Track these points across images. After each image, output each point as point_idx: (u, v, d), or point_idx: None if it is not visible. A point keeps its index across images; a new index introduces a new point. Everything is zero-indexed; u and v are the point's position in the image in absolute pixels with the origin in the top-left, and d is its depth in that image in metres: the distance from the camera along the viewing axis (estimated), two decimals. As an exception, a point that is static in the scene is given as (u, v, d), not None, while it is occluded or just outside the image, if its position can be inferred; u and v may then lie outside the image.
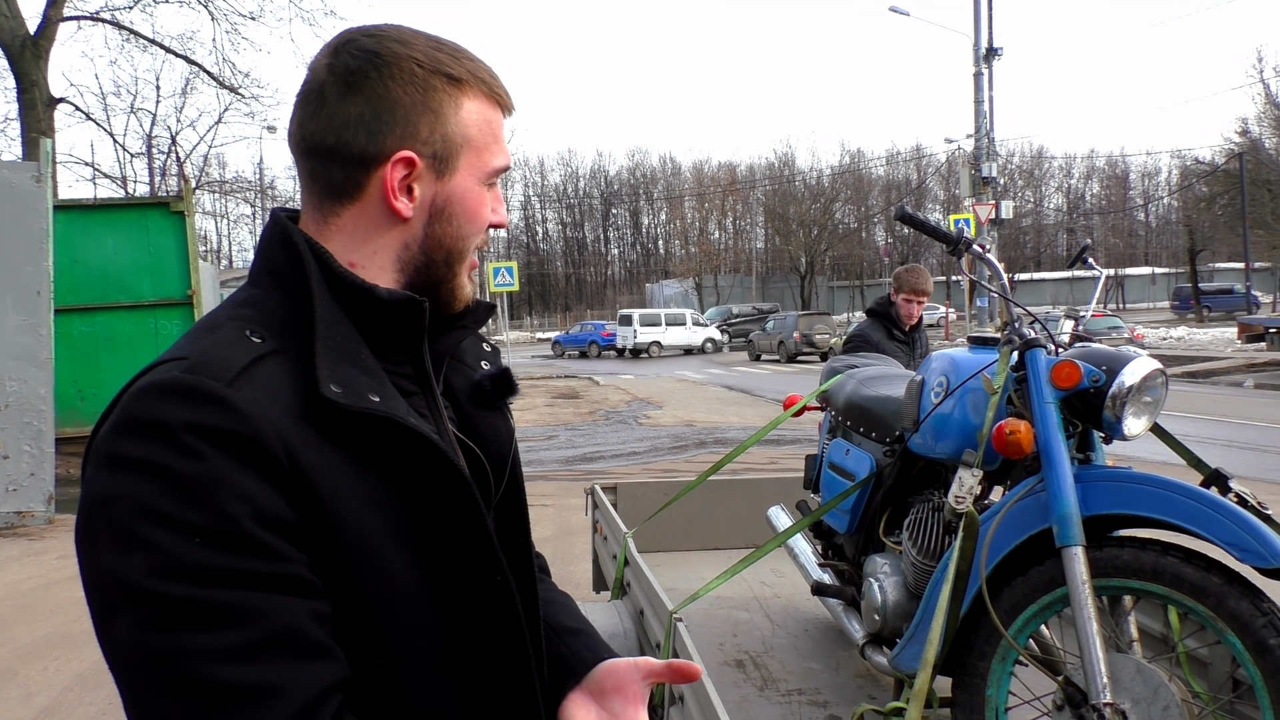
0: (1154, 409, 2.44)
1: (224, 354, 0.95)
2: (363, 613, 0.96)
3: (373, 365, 1.02)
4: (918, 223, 2.73)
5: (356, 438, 0.97)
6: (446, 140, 1.06)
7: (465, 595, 1.03)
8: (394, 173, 1.04)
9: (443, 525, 1.01)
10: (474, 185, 1.09)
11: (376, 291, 1.04)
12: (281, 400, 0.94)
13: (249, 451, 0.89)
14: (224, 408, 0.90)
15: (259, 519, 0.89)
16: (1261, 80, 39.15)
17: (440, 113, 1.05)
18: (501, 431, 1.20)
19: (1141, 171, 79.31)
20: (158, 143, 35.51)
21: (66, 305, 10.81)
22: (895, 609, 2.84)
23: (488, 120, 1.09)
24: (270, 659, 0.87)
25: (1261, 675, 2.05)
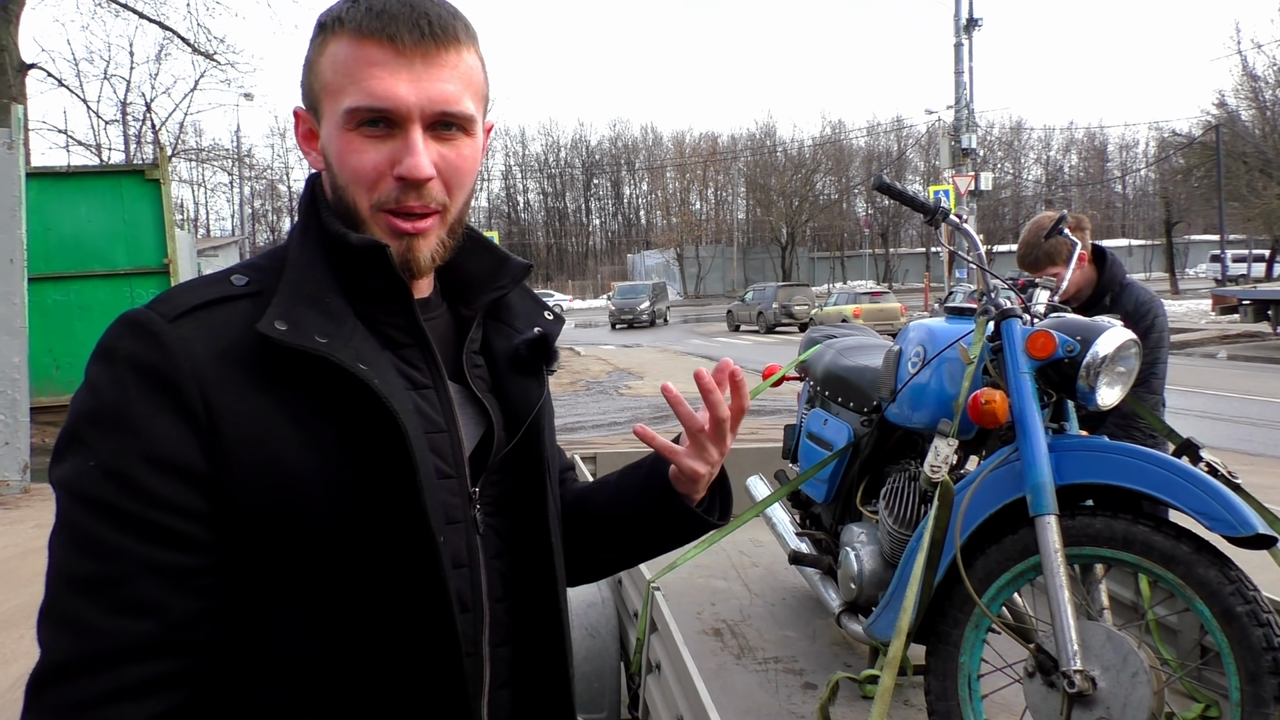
0: (1127, 379, 2.46)
1: (190, 292, 1.01)
2: (278, 551, 0.98)
3: (338, 309, 1.03)
4: (895, 192, 2.73)
5: (303, 378, 0.98)
6: (310, 89, 1.08)
7: (388, 551, 1.01)
8: (297, 127, 1.11)
9: (375, 474, 0.99)
10: (335, 131, 1.05)
11: (348, 238, 1.05)
12: (224, 340, 0.98)
13: (164, 389, 0.95)
14: (154, 344, 0.96)
15: (148, 458, 0.93)
16: (1239, 52, 39.41)
17: (311, 63, 1.07)
18: (530, 394, 1.18)
19: (1119, 144, 79.85)
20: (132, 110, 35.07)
21: (40, 274, 10.68)
22: (871, 578, 2.86)
23: (346, 59, 1.03)
24: (87, 596, 0.92)
25: (1228, 642, 2.09)
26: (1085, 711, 2.14)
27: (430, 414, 1.08)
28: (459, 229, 1.12)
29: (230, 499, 0.96)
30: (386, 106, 1.02)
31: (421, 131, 1.04)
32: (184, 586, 0.95)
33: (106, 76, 33.37)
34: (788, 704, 2.83)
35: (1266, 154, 33.77)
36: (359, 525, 0.99)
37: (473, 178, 1.12)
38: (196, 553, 0.95)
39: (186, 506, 0.95)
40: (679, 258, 70.22)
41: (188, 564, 0.95)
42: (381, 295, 1.07)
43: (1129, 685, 2.13)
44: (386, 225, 1.06)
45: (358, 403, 0.99)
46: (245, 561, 0.97)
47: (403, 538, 1.01)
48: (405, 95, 1.02)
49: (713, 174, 76.03)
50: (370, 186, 1.04)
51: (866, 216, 71.82)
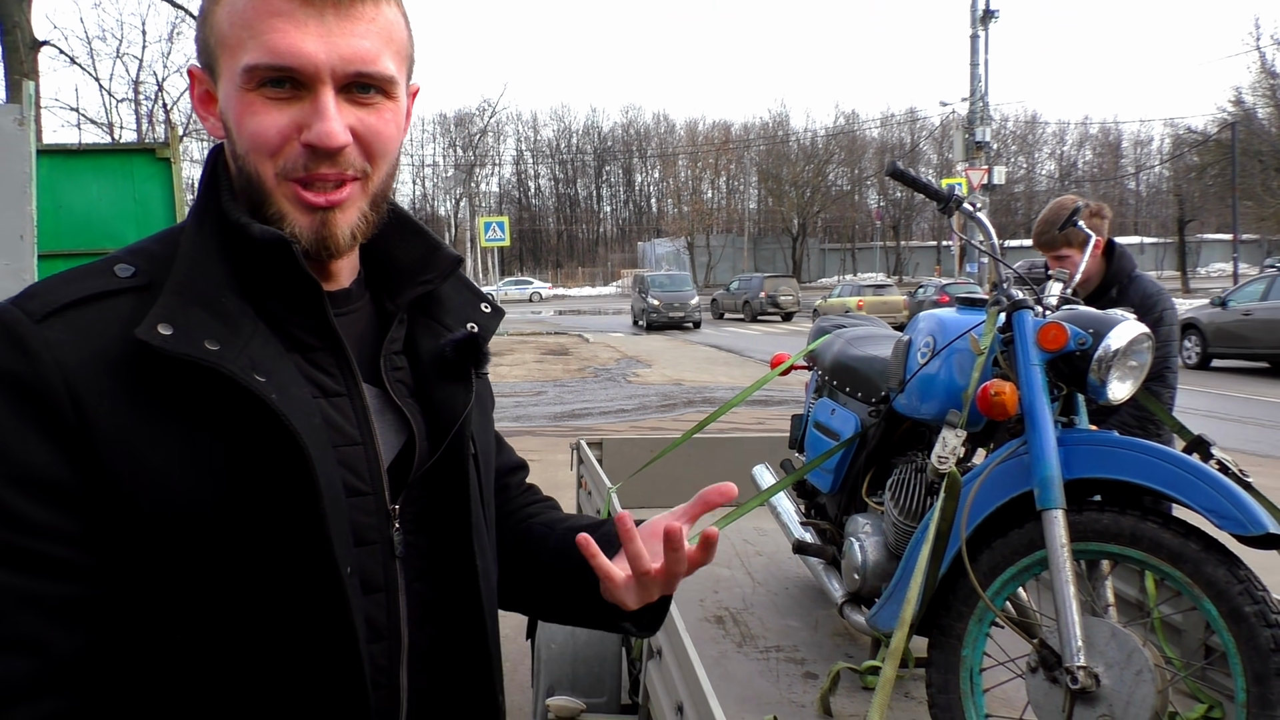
0: (1139, 373, 2.43)
1: (63, 287, 0.89)
2: (161, 576, 0.88)
3: (235, 309, 0.91)
4: (909, 179, 2.70)
5: (187, 388, 0.87)
6: (206, 44, 0.94)
7: (283, 576, 0.90)
8: (192, 88, 0.98)
9: (270, 495, 0.89)
10: (233, 92, 0.92)
11: (249, 229, 0.92)
12: (99, 343, 0.86)
13: (27, 399, 0.83)
14: (17, 348, 0.84)
15: (14, 479, 0.83)
16: (1258, 49, 39.05)
17: (206, 13, 0.94)
18: (456, 401, 1.07)
19: (1134, 139, 79.36)
20: (144, 89, 34.98)
21: (50, 251, 10.66)
22: (875, 569, 2.84)
23: (245, 9, 0.90)
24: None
25: (1235, 642, 2.06)
26: (1087, 709, 2.12)
27: (341, 424, 0.96)
28: (382, 203, 1.00)
29: (109, 522, 0.86)
30: (291, 64, 0.89)
31: (334, 94, 0.91)
32: (66, 619, 0.85)
33: (119, 55, 33.37)
34: (788, 693, 2.82)
35: (1283, 153, 33.51)
36: (253, 551, 0.89)
37: (396, 145, 0.99)
38: (77, 581, 0.85)
39: (62, 531, 0.84)
40: (689, 247, 70.10)
41: (68, 594, 0.84)
42: (287, 292, 0.95)
43: (1132, 683, 2.11)
44: (295, 197, 0.93)
45: (253, 417, 0.87)
46: (129, 590, 0.88)
47: (304, 563, 0.91)
48: (313, 51, 0.89)
49: (725, 163, 75.83)
50: (273, 153, 0.92)
51: (878, 209, 71.65)
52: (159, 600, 0.88)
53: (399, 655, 1.01)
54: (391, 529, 1.00)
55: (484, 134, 71.67)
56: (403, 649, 1.01)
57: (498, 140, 77.75)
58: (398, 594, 1.00)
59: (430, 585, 1.04)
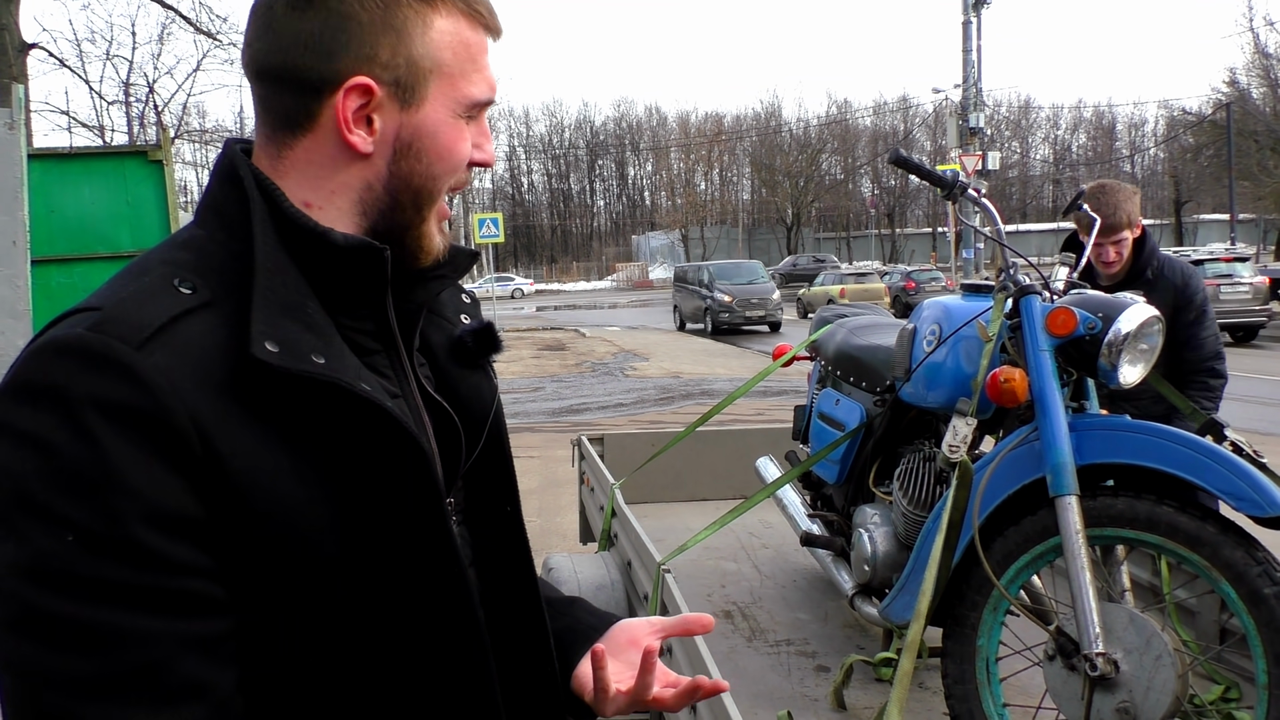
0: (1150, 356, 2.40)
1: (141, 308, 0.82)
2: (289, 601, 0.86)
3: (321, 320, 0.89)
4: (912, 166, 2.67)
5: (296, 404, 0.85)
6: (411, 65, 0.92)
7: (411, 581, 0.91)
8: (347, 101, 0.90)
9: (394, 505, 0.89)
10: (447, 117, 0.94)
11: (331, 236, 0.91)
12: (203, 366, 0.82)
13: (152, 434, 0.78)
14: (128, 378, 0.78)
15: (150, 519, 0.77)
16: (1251, 29, 39.04)
17: (404, 32, 0.91)
18: (483, 391, 1.08)
19: (1128, 122, 79.23)
20: (135, 91, 34.85)
21: (44, 256, 10.59)
22: (885, 559, 2.82)
23: (465, 43, 0.94)
24: (123, 698, 0.76)
25: (1255, 625, 2.04)
26: (1107, 695, 2.10)
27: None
28: None
29: (241, 550, 0.83)
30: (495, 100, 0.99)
31: None
32: (222, 656, 0.82)
33: (109, 57, 33.06)
34: (800, 687, 2.79)
35: (1277, 132, 33.53)
36: (381, 558, 0.89)
37: None
38: (222, 616, 0.82)
39: (203, 567, 0.81)
40: (684, 239, 70.03)
41: (219, 630, 0.81)
42: (355, 301, 0.95)
43: (1152, 668, 2.08)
44: (441, 212, 0.99)
45: (367, 424, 0.87)
46: (263, 615, 0.85)
47: (429, 565, 0.91)
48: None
49: (718, 154, 75.73)
50: (457, 173, 0.97)
51: (873, 196, 71.66)
52: (296, 621, 0.87)
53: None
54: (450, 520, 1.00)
55: (476, 130, 71.41)
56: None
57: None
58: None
59: (479, 573, 1.06)
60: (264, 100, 0.94)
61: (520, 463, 1.58)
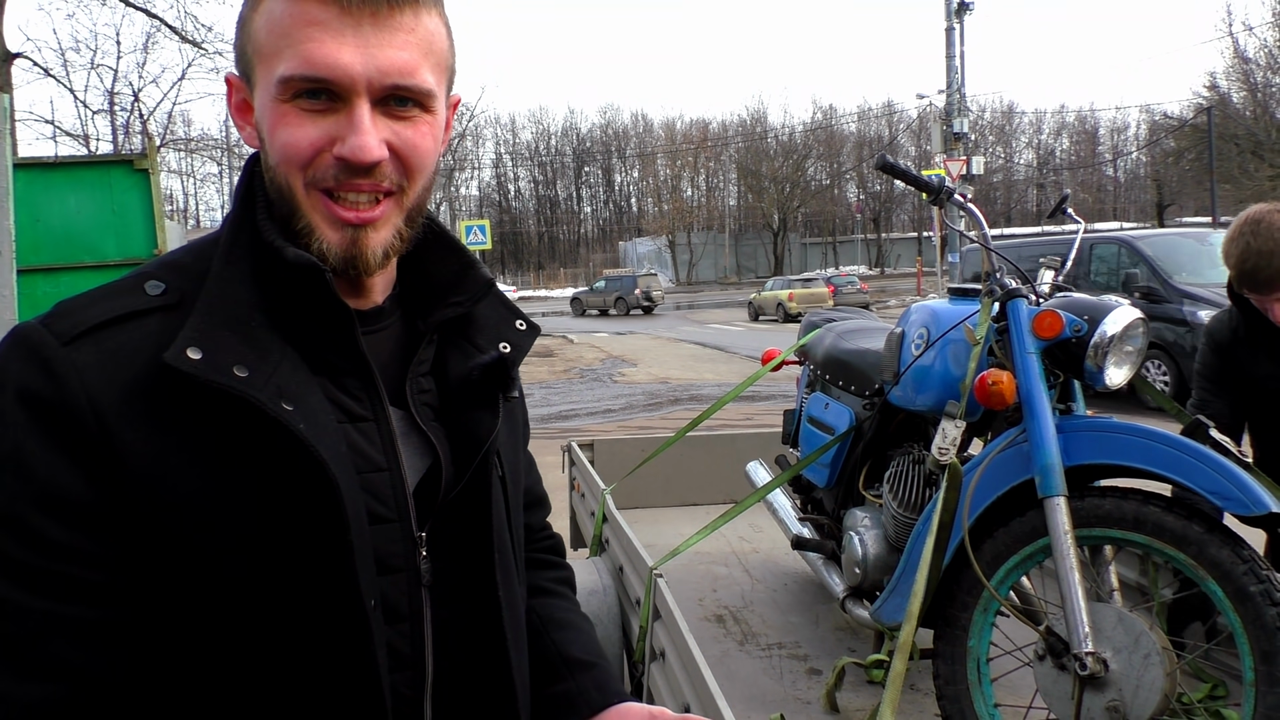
0: (1135, 358, 2.42)
1: (93, 304, 0.88)
2: (184, 601, 0.86)
3: (263, 333, 0.89)
4: (899, 172, 2.69)
5: (214, 414, 0.85)
6: (243, 52, 0.93)
7: (306, 611, 0.89)
8: (230, 96, 0.96)
9: (297, 528, 0.87)
10: (268, 101, 0.90)
11: (284, 252, 0.90)
12: (127, 365, 0.85)
13: (53, 421, 0.82)
14: (45, 370, 0.83)
15: (42, 502, 0.81)
16: (1230, 34, 39.31)
17: (244, 21, 0.92)
18: (480, 426, 1.04)
19: (1111, 127, 79.83)
20: (120, 100, 34.70)
21: (29, 266, 10.58)
22: (876, 562, 2.83)
23: (283, 17, 0.88)
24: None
25: (1241, 622, 2.06)
26: (1097, 694, 2.11)
27: (368, 450, 0.95)
28: (418, 218, 0.98)
29: (133, 545, 0.84)
30: (326, 75, 0.87)
31: (370, 106, 0.89)
32: (92, 642, 0.84)
33: (93, 66, 33.11)
34: (793, 690, 2.80)
35: (1258, 136, 33.82)
36: (276, 578, 0.87)
37: (434, 160, 0.97)
38: (102, 605, 0.84)
39: (87, 554, 0.83)
40: (671, 245, 70.12)
41: (93, 617, 0.83)
42: (318, 315, 0.93)
43: (1141, 667, 2.10)
44: (325, 211, 0.91)
45: (280, 444, 0.86)
46: (152, 613, 0.86)
47: (327, 593, 0.89)
48: (349, 63, 0.87)
49: (704, 160, 75.90)
50: (304, 165, 0.90)
51: (858, 202, 71.85)
52: (181, 624, 0.87)
53: (423, 685, 0.99)
54: (418, 556, 0.98)
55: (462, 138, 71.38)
56: (427, 678, 0.99)
57: (476, 144, 77.35)
58: (423, 623, 0.98)
59: (457, 613, 1.02)
60: None
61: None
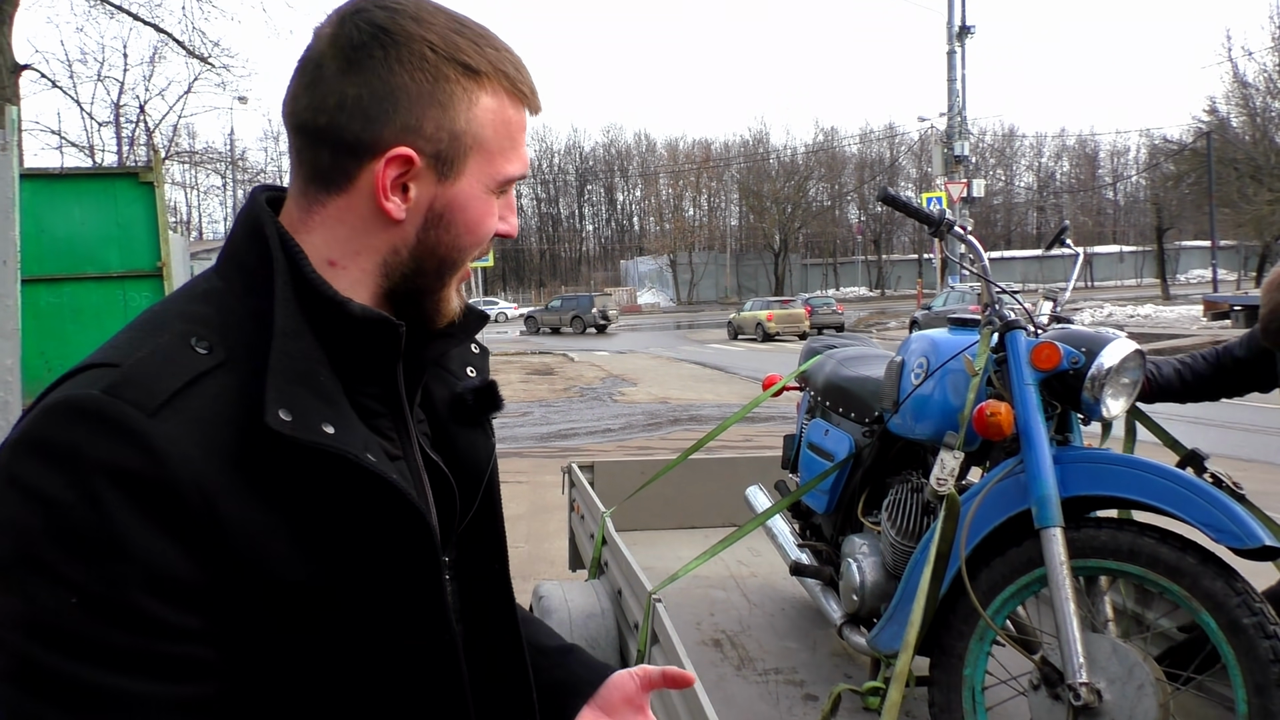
0: (1132, 390, 2.45)
1: (158, 371, 0.83)
2: (283, 664, 0.87)
3: (331, 387, 0.90)
4: (900, 204, 2.72)
5: (303, 472, 0.85)
6: (454, 139, 0.92)
7: (405, 652, 0.92)
8: (388, 170, 0.90)
9: (394, 575, 0.90)
10: (480, 192, 0.96)
11: (348, 307, 0.91)
12: (213, 433, 0.83)
13: (158, 502, 0.79)
14: (140, 447, 0.79)
15: (151, 585, 0.78)
16: (1230, 59, 39.51)
17: (450, 107, 0.92)
18: (480, 449, 1.09)
19: (1111, 150, 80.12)
20: (126, 112, 34.84)
21: (33, 276, 10.61)
22: (874, 589, 2.85)
23: (506, 121, 0.95)
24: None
25: (1234, 654, 2.08)
26: (1091, 725, 2.13)
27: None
28: None
29: (239, 614, 0.84)
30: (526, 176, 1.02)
31: None
32: (206, 717, 0.83)
33: (100, 78, 33.03)
34: (789, 716, 2.82)
35: (1257, 160, 33.92)
36: (377, 623, 0.90)
37: None
38: (212, 679, 0.82)
39: (201, 632, 0.82)
40: (672, 264, 70.22)
41: (206, 693, 0.82)
42: (369, 368, 0.96)
43: (1135, 697, 2.12)
44: (462, 277, 1.02)
45: (372, 495, 0.87)
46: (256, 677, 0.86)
47: (422, 630, 0.93)
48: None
49: (706, 180, 76.14)
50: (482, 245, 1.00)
51: (859, 223, 72.01)
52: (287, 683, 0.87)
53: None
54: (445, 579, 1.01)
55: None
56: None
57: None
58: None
59: (474, 629, 1.08)
60: (301, 154, 0.94)
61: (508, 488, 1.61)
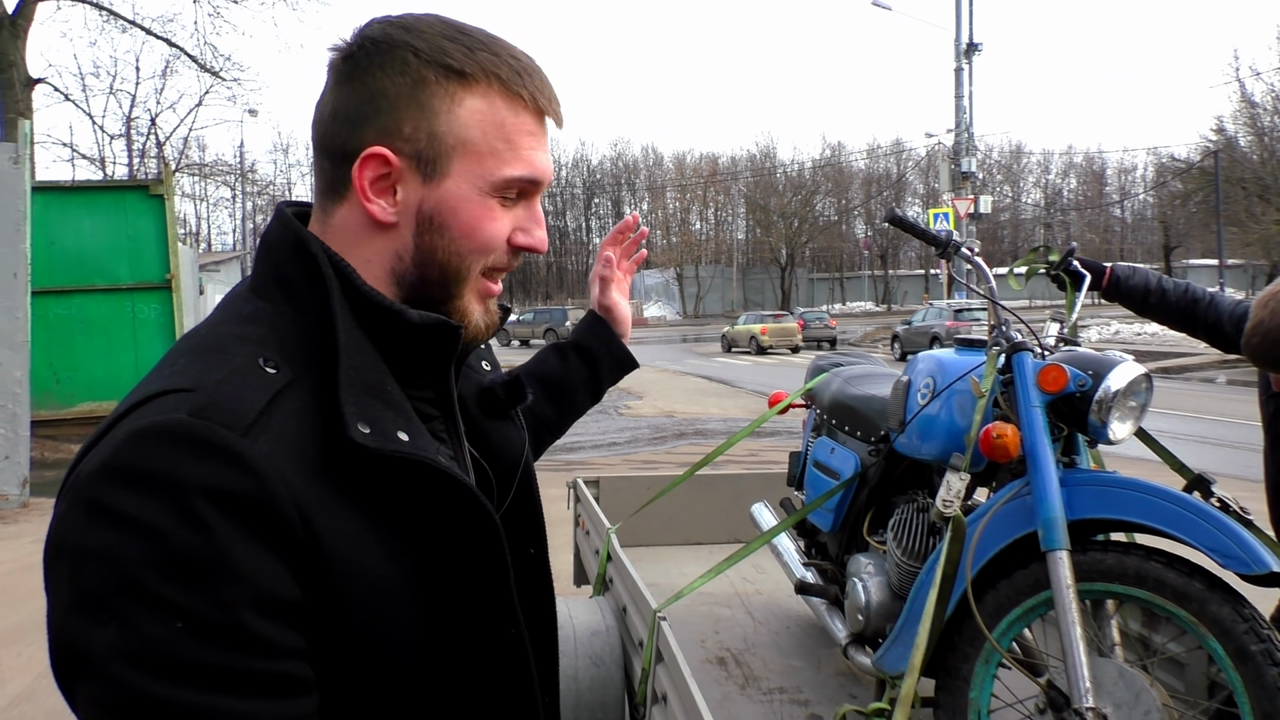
0: (1139, 413, 2.45)
1: (238, 392, 0.83)
2: (364, 669, 0.88)
3: (399, 397, 0.93)
4: (907, 225, 2.73)
5: (383, 481, 0.88)
6: (433, 139, 0.94)
7: (476, 646, 0.95)
8: (363, 170, 0.93)
9: (463, 572, 0.93)
10: (472, 195, 0.96)
11: (407, 315, 0.94)
12: (301, 449, 0.84)
13: (260, 521, 0.79)
14: (239, 466, 0.79)
15: (258, 605, 0.79)
16: (1237, 79, 39.54)
17: (429, 108, 0.94)
18: (514, 441, 1.13)
19: (1118, 168, 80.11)
20: (137, 125, 35.14)
21: (43, 288, 10.70)
22: (879, 609, 2.84)
23: (498, 122, 0.95)
24: None
25: (1242, 681, 2.07)
26: (1097, 750, 2.12)
27: None
28: None
29: (332, 627, 0.85)
30: (543, 180, 1.00)
31: None
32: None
33: (112, 91, 33.55)
34: (793, 735, 2.81)
35: (1265, 180, 33.93)
36: (455, 626, 0.93)
37: None
38: (312, 693, 0.84)
39: (299, 648, 0.83)
40: (679, 278, 70.32)
41: (308, 708, 0.83)
42: (424, 374, 0.99)
43: (1141, 723, 2.11)
44: (483, 290, 1.01)
45: (448, 499, 0.90)
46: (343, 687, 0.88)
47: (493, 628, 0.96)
48: (550, 170, 1.01)
49: (713, 194, 76.29)
50: (492, 252, 0.99)
51: (866, 238, 72.07)
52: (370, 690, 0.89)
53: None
54: None
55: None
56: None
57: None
58: None
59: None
60: (315, 167, 0.99)
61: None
